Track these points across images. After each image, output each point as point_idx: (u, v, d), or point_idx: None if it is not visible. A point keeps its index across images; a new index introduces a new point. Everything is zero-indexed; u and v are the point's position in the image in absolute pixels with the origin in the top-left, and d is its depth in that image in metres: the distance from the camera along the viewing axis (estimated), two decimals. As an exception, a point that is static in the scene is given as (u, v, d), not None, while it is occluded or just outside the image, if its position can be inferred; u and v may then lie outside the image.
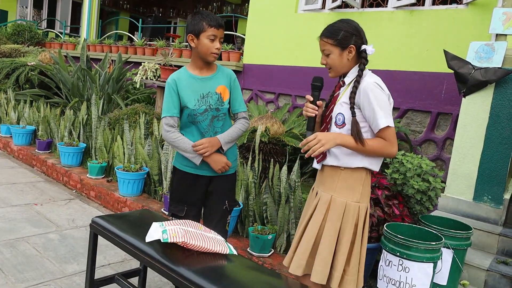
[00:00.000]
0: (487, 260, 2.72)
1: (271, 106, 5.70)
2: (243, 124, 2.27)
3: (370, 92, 1.76)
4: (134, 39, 9.20)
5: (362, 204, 1.88)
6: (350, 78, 1.89)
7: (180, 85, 2.15)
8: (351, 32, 1.82)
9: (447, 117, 4.20)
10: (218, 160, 2.18)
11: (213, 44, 2.10)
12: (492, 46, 2.95)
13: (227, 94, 2.22)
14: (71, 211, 3.87)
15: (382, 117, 1.75)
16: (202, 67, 2.18)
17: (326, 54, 1.87)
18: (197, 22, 2.10)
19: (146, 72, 5.57)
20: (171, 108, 2.16)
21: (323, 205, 1.89)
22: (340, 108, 1.86)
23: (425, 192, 2.82)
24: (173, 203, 2.28)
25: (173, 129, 2.16)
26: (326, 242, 1.86)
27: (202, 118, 2.17)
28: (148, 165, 4.07)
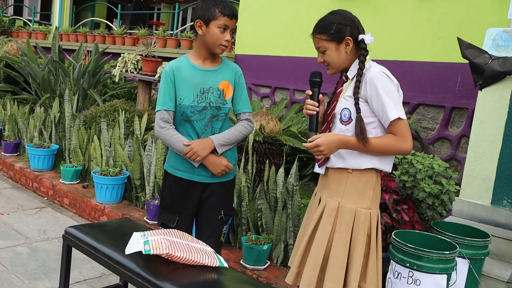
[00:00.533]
0: (507, 271, 2.74)
1: (266, 102, 5.71)
2: (245, 126, 2.23)
3: (378, 82, 1.77)
4: (112, 27, 9.19)
5: (373, 210, 1.88)
6: (353, 72, 1.89)
7: (179, 75, 2.12)
8: (344, 23, 1.83)
9: (463, 113, 4.23)
10: (216, 163, 2.15)
11: (223, 35, 2.08)
12: (511, 33, 2.97)
13: (231, 92, 2.20)
14: (42, 221, 3.86)
15: (392, 108, 1.75)
16: (206, 57, 2.16)
17: (322, 51, 1.88)
18: (208, 7, 2.07)
19: (126, 64, 5.57)
20: (167, 100, 2.12)
21: (331, 213, 1.88)
22: (345, 103, 1.86)
23: (438, 196, 2.84)
24: (163, 211, 2.27)
25: (168, 125, 2.13)
26: (336, 255, 1.84)
27: (200, 117, 2.14)
28: (128, 169, 4.07)
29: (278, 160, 4.07)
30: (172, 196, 2.25)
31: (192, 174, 2.19)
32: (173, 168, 2.23)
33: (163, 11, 12.36)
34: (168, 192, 2.27)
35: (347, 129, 1.85)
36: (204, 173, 2.19)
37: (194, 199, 2.24)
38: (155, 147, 3.82)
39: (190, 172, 2.18)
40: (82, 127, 4.78)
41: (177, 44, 7.13)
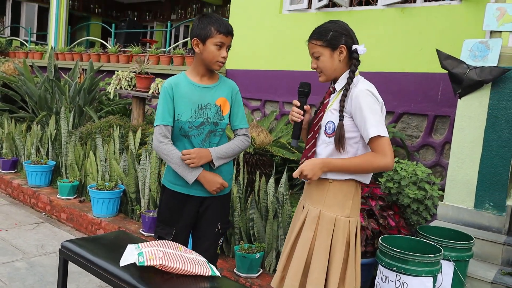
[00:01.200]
0: (491, 272, 2.76)
1: (257, 114, 5.75)
2: (242, 141, 2.23)
3: (362, 99, 1.79)
4: (107, 45, 9.22)
5: (353, 218, 1.90)
6: (341, 84, 1.91)
7: (177, 92, 2.12)
8: (340, 31, 1.86)
9: (445, 120, 4.28)
10: (212, 180, 2.14)
11: (220, 52, 2.08)
12: (487, 43, 3.04)
13: (228, 108, 2.20)
14: (40, 236, 3.83)
15: (373, 125, 1.76)
16: (204, 74, 2.17)
17: (316, 56, 1.89)
18: (204, 26, 2.08)
19: (120, 81, 5.58)
20: (166, 116, 2.12)
21: (312, 221, 1.91)
22: (330, 116, 1.89)
23: (422, 201, 2.87)
24: (161, 224, 2.26)
25: (166, 140, 2.12)
26: (316, 261, 1.87)
27: (197, 132, 2.14)
28: (124, 182, 4.06)
29: (269, 171, 4.09)
30: (169, 210, 2.24)
31: (189, 189, 2.18)
32: (170, 182, 2.23)
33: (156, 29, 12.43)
34: (165, 206, 2.26)
35: (330, 141, 1.88)
36: (201, 187, 2.18)
37: (191, 213, 2.23)
38: (149, 161, 3.82)
39: (187, 186, 2.18)
40: (78, 143, 4.78)
41: (170, 61, 7.16)
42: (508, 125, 2.98)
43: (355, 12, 4.86)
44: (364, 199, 2.85)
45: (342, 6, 4.96)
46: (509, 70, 2.93)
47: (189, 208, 2.22)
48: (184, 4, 13.58)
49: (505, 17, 3.01)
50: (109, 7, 15.05)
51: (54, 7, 10.08)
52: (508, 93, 2.97)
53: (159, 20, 14.15)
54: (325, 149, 1.90)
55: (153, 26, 14.17)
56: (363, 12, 4.80)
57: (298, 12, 5.34)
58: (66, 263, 2.16)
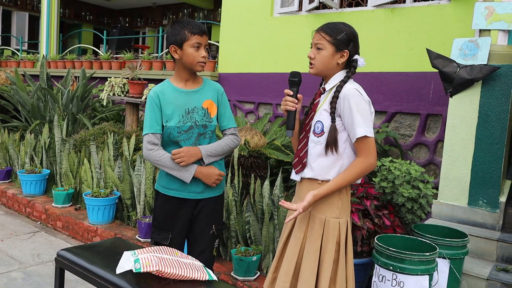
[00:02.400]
0: (486, 268, 2.78)
1: (251, 117, 5.75)
2: (231, 140, 2.26)
3: (352, 99, 1.81)
4: (99, 52, 9.19)
5: (342, 219, 1.91)
6: (331, 85, 1.93)
7: (164, 99, 2.14)
8: (351, 37, 1.88)
9: (437, 119, 4.31)
10: (209, 173, 2.16)
11: (199, 52, 2.11)
12: (476, 42, 3.06)
13: (215, 110, 2.23)
14: (35, 245, 3.81)
15: (361, 125, 1.79)
16: (188, 79, 2.19)
17: (318, 48, 1.89)
18: (178, 31, 2.11)
19: (113, 88, 5.57)
20: (153, 124, 2.14)
21: (302, 222, 1.93)
22: (319, 116, 1.90)
23: (416, 200, 2.88)
24: (156, 230, 2.26)
25: (156, 147, 2.13)
26: (307, 262, 1.88)
27: (187, 136, 2.16)
28: (119, 189, 4.05)
29: (264, 173, 4.09)
30: (164, 215, 2.25)
31: (183, 192, 2.19)
32: (164, 187, 2.23)
33: (147, 35, 12.41)
34: (160, 211, 2.26)
35: (318, 141, 1.89)
36: (195, 190, 2.19)
37: (186, 216, 2.24)
38: (144, 166, 3.82)
39: (181, 190, 2.19)
40: (72, 151, 4.76)
41: (163, 66, 7.15)
42: (499, 123, 3.00)
43: (345, 13, 4.88)
44: (359, 199, 2.86)
45: (333, 8, 4.98)
46: (499, 68, 2.96)
47: (184, 211, 2.22)
48: (175, 9, 13.58)
49: (493, 15, 3.03)
50: (100, 14, 15.02)
51: (45, 16, 10.05)
52: (498, 91, 3.00)
53: (151, 26, 14.13)
54: (314, 149, 1.91)
55: (145, 31, 14.15)
56: (353, 13, 4.82)
57: (289, 15, 5.36)
58: (63, 272, 2.15)
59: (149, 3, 13.66)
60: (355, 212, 2.73)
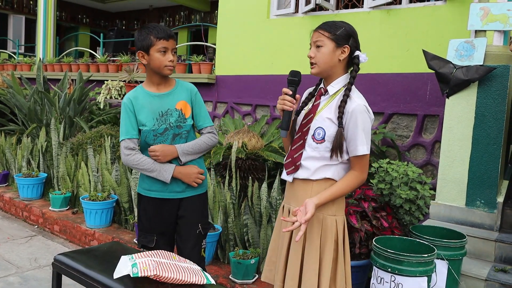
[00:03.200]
0: (485, 269, 2.78)
1: (248, 119, 5.74)
2: (208, 137, 2.27)
3: (359, 116, 1.80)
4: (96, 55, 9.17)
5: (339, 217, 1.91)
6: (335, 88, 1.89)
7: (137, 104, 2.17)
8: (350, 33, 1.87)
9: (434, 119, 4.31)
10: (188, 172, 2.17)
11: (166, 56, 2.13)
12: (472, 43, 3.06)
13: (189, 110, 2.24)
14: (33, 249, 3.79)
15: (364, 143, 1.80)
16: (159, 83, 2.21)
17: (318, 45, 1.86)
18: (144, 37, 2.13)
19: (110, 91, 5.57)
20: (129, 129, 2.16)
21: None
22: (321, 122, 1.87)
23: (414, 201, 2.88)
24: (142, 233, 2.27)
25: (133, 152, 2.16)
26: (308, 262, 1.86)
27: (163, 139, 2.18)
28: (116, 192, 4.04)
29: (262, 175, 4.08)
30: (148, 217, 2.26)
31: (164, 192, 2.21)
32: (145, 189, 2.25)
33: (144, 37, 12.39)
34: (143, 213, 2.28)
35: (317, 147, 1.87)
36: (176, 189, 2.21)
37: (171, 217, 2.25)
38: (142, 170, 3.80)
39: (162, 190, 2.20)
40: (69, 155, 4.74)
41: (159, 69, 7.14)
42: (496, 123, 3.00)
43: (341, 15, 4.88)
44: (356, 201, 2.86)
45: (329, 10, 4.99)
46: (495, 69, 2.96)
47: (167, 212, 2.23)
48: (172, 12, 13.57)
49: (488, 16, 3.04)
50: (97, 17, 15.00)
51: (42, 19, 10.02)
52: (494, 91, 3.00)
53: (148, 28, 14.11)
54: (311, 153, 1.89)
55: (141, 34, 14.11)
56: (350, 15, 4.83)
57: (285, 17, 5.36)
58: (60, 277, 2.14)
59: (145, 5, 13.65)
60: (353, 214, 2.72)
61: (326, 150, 1.86)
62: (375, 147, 4.27)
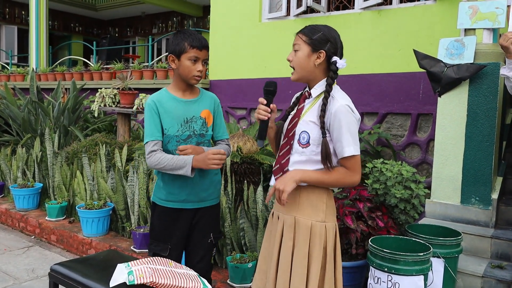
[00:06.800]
0: (481, 266, 2.80)
1: (243, 123, 5.76)
2: (226, 148, 2.30)
3: (343, 117, 1.78)
4: (89, 63, 9.18)
5: (329, 223, 1.87)
6: (317, 91, 1.89)
7: (162, 107, 2.15)
8: (327, 38, 1.84)
9: (428, 118, 4.34)
10: (203, 158, 2.07)
11: (195, 66, 2.12)
12: (462, 41, 3.09)
13: (211, 119, 2.26)
14: (30, 260, 3.79)
15: (350, 144, 1.77)
16: (185, 89, 2.21)
17: (295, 49, 1.87)
18: (178, 42, 2.12)
19: (104, 98, 5.56)
20: (154, 131, 2.14)
21: (289, 229, 1.88)
22: (305, 126, 1.86)
23: (409, 200, 2.90)
24: (154, 241, 2.25)
25: (154, 152, 2.12)
26: (296, 269, 1.83)
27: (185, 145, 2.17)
28: (112, 200, 4.04)
29: (257, 179, 4.09)
30: (162, 226, 2.24)
31: (181, 203, 2.20)
32: (161, 199, 2.23)
33: (137, 45, 12.43)
34: (158, 222, 2.25)
35: (303, 152, 1.85)
36: (193, 199, 2.20)
37: (184, 227, 2.24)
38: (137, 177, 3.81)
39: (178, 201, 2.19)
40: (64, 164, 4.74)
41: (153, 75, 7.15)
42: (488, 120, 3.03)
43: (333, 17, 4.91)
44: (352, 202, 2.87)
45: (320, 12, 5.02)
46: (485, 66, 2.99)
47: (182, 222, 2.23)
48: (164, 18, 13.61)
49: (477, 15, 3.07)
50: (89, 25, 15.02)
51: (34, 29, 10.03)
52: (486, 89, 3.03)
53: (141, 35, 14.15)
54: (298, 157, 1.87)
55: (134, 41, 14.17)
56: (341, 16, 4.86)
57: (277, 20, 5.38)
58: (56, 287, 2.14)
59: (138, 12, 13.69)
60: (349, 215, 2.74)
61: (312, 154, 1.83)
62: (370, 147, 4.29)
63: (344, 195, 2.96)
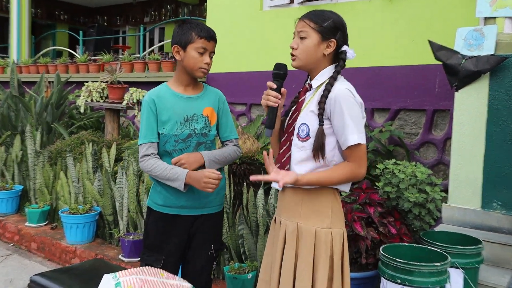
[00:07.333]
0: (504, 278, 2.76)
1: (243, 120, 5.74)
2: (234, 150, 2.26)
3: (343, 101, 1.76)
4: (75, 55, 9.17)
5: (335, 230, 1.85)
6: (319, 81, 1.88)
7: (161, 104, 2.14)
8: (338, 25, 1.84)
9: (445, 114, 4.31)
10: (197, 177, 2.06)
11: (202, 58, 2.11)
12: (481, 31, 3.06)
13: (215, 118, 2.23)
14: (8, 269, 3.77)
15: (354, 131, 1.75)
16: (188, 84, 2.19)
17: (301, 37, 1.84)
18: (185, 31, 2.12)
19: (90, 93, 5.54)
20: (149, 133, 2.13)
21: (291, 237, 1.86)
22: (305, 118, 1.85)
23: (424, 205, 2.87)
24: (147, 251, 2.24)
25: (148, 157, 2.11)
26: (300, 281, 1.81)
27: (184, 145, 2.15)
28: (99, 204, 4.02)
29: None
30: (157, 234, 2.22)
31: (179, 209, 2.17)
32: (157, 204, 2.21)
33: (128, 34, 12.40)
34: (153, 229, 2.23)
35: (303, 146, 1.84)
36: (191, 205, 2.17)
37: (181, 235, 2.21)
38: (126, 179, 3.79)
39: (176, 206, 2.17)
40: (47, 164, 4.72)
41: (145, 67, 7.13)
42: (510, 117, 2.99)
43: (340, 4, 4.88)
44: (361, 206, 2.85)
45: (327, -1, 4.99)
46: (507, 58, 2.96)
47: (179, 230, 2.20)
48: (157, 6, 13.57)
49: (498, 2, 3.03)
50: (75, 13, 14.98)
51: (15, 16, 10.01)
52: (508, 83, 2.99)
53: (131, 24, 14.11)
54: (297, 153, 1.85)
55: (125, 31, 14.13)
56: (348, 4, 4.83)
57: (280, 8, 5.35)
58: (36, 300, 2.12)
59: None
60: (358, 221, 2.71)
61: None
62: (382, 146, 4.27)
63: (353, 199, 2.94)
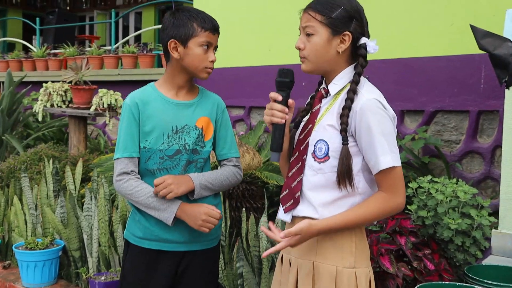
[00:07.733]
0: None
1: (241, 127, 5.76)
2: (233, 173, 2.26)
3: (371, 115, 1.75)
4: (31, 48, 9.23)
5: (360, 269, 1.85)
6: (337, 86, 1.87)
7: (145, 111, 2.14)
8: (352, 14, 1.82)
9: (493, 117, 4.32)
10: (194, 211, 2.09)
11: (208, 54, 2.14)
12: (537, 12, 3.08)
13: (211, 131, 2.23)
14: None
15: (386, 152, 1.74)
16: (182, 87, 2.20)
17: (308, 33, 1.84)
18: (183, 22, 2.12)
19: (50, 96, 5.57)
20: (129, 145, 2.13)
21: (306, 280, 1.86)
22: (322, 133, 1.83)
23: (468, 233, 2.88)
24: None
25: (127, 176, 2.11)
26: None
27: (171, 164, 2.15)
28: (63, 237, 4.03)
29: (261, 204, 4.08)
30: (136, 273, 2.23)
31: (162, 243, 2.17)
32: (135, 237, 2.22)
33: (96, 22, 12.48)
34: (131, 266, 2.25)
35: (320, 169, 1.82)
36: (178, 239, 2.17)
37: (167, 276, 2.22)
38: (96, 204, 3.80)
39: (159, 240, 2.17)
40: (-3, 187, 4.75)
41: (118, 63, 7.18)
42: None
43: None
44: (389, 236, 2.86)
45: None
46: None
47: (163, 269, 2.21)
48: (133, -15, 13.68)
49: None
50: (31, -5, 15.11)
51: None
52: None
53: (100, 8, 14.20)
54: (313, 177, 1.84)
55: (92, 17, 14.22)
56: (371, -20, 4.86)
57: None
58: None
59: (96, -23, 13.76)
60: (386, 255, 2.72)
61: (333, 171, 1.79)
62: (414, 158, 4.27)
63: (379, 226, 2.94)
